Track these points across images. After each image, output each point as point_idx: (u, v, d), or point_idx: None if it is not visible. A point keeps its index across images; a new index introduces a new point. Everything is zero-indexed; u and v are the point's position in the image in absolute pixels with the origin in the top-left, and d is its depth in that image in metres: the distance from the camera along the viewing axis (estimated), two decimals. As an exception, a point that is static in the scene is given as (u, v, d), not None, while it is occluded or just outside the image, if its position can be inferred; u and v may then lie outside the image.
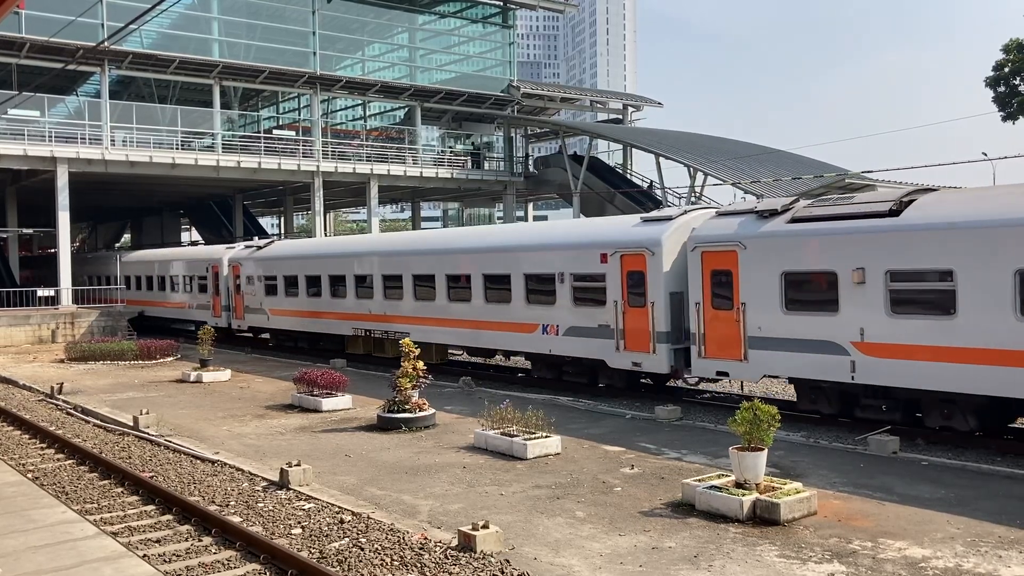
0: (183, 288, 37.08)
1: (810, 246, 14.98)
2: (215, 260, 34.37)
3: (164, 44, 39.61)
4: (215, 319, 33.48)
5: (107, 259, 46.81)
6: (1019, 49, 40.85)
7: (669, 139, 45.43)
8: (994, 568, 8.11)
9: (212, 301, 34.48)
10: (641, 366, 17.87)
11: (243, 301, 32.47)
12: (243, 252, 33.12)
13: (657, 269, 17.36)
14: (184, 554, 9.25)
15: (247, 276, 32.09)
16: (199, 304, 35.60)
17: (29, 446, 15.40)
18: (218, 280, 33.93)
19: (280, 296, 30.32)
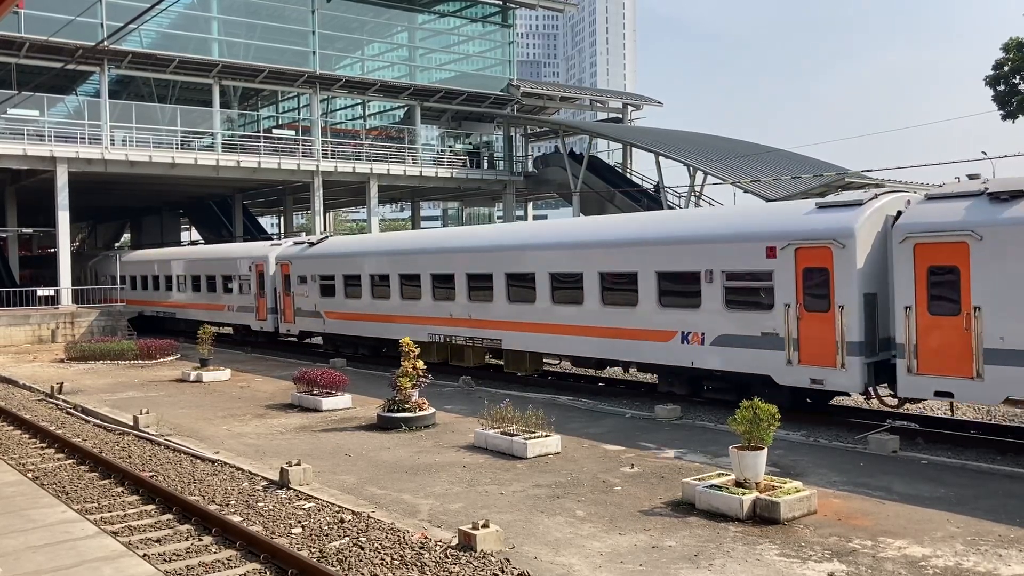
0: (219, 289, 34.16)
1: None
2: (259, 258, 31.48)
3: (163, 44, 39.62)
4: (259, 322, 31.16)
5: (107, 260, 46.88)
6: (1019, 48, 40.83)
7: (669, 138, 45.41)
8: (994, 567, 8.11)
9: (256, 303, 31.62)
10: (823, 383, 14.97)
11: (293, 303, 29.50)
12: (293, 249, 30.00)
13: (848, 265, 14.42)
14: (184, 553, 9.25)
15: (299, 276, 28.91)
16: (240, 306, 32.72)
17: (29, 446, 15.39)
18: (263, 280, 30.95)
19: (339, 297, 27.18)
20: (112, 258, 44.37)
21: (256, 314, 31.52)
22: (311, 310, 28.61)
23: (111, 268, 42.33)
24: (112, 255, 45.18)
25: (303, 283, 28.88)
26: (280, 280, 30.08)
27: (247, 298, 32.24)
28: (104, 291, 39.92)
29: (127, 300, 39.49)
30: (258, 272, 31.41)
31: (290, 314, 29.72)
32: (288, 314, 29.88)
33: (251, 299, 31.92)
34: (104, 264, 45.54)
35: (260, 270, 31.28)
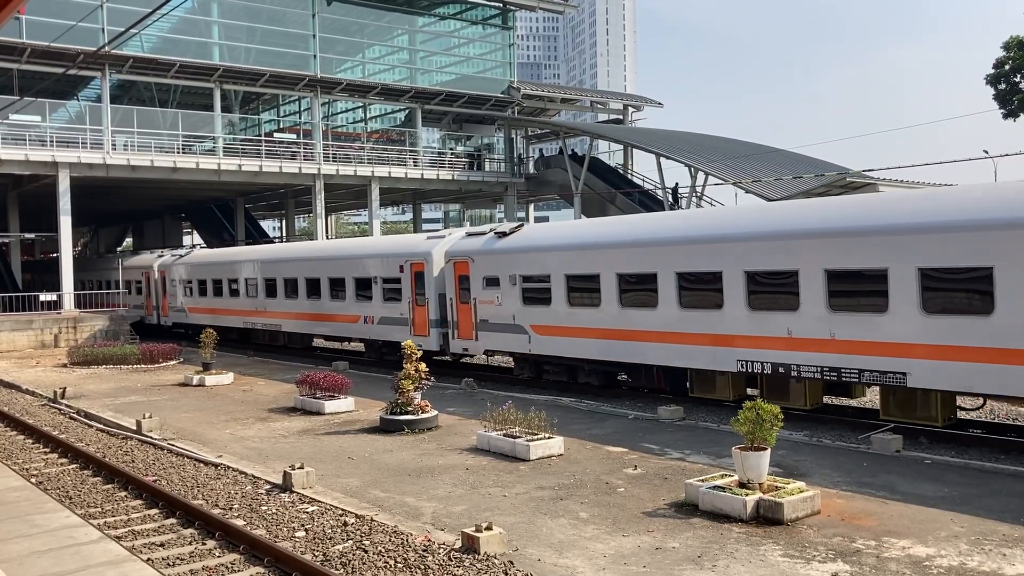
0: (348, 295, 27.16)
1: None
2: (415, 254, 24.63)
3: (164, 48, 39.68)
4: (420, 338, 23.37)
5: (107, 262, 47.00)
6: (1019, 46, 40.82)
7: (669, 139, 45.42)
8: (998, 566, 8.10)
9: (412, 314, 24.51)
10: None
11: (475, 314, 22.18)
12: (473, 242, 22.86)
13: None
14: (188, 558, 9.25)
15: (485, 277, 21.92)
16: (384, 317, 25.60)
17: (32, 451, 15.41)
18: (421, 282, 24.25)
19: (557, 304, 19.84)
20: (169, 262, 39.69)
21: (411, 327, 24.53)
22: (507, 322, 21.35)
23: (177, 273, 38.29)
24: (170, 256, 40.92)
25: (491, 286, 21.87)
26: (454, 282, 23.04)
27: (395, 306, 25.21)
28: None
29: (190, 308, 37.00)
30: (414, 273, 24.59)
31: (469, 328, 22.58)
32: (466, 328, 22.78)
33: (402, 308, 24.95)
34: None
35: (418, 270, 24.50)
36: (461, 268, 22.84)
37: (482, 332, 22.12)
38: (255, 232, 56.30)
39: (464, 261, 22.85)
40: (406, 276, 24.79)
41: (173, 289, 37.98)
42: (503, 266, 21.61)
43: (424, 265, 24.11)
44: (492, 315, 21.81)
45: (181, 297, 37.58)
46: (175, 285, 38.02)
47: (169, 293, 38.34)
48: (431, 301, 23.82)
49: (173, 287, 38.21)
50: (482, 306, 22.03)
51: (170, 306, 38.49)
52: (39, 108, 37.88)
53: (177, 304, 38.03)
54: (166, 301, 38.67)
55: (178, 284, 37.81)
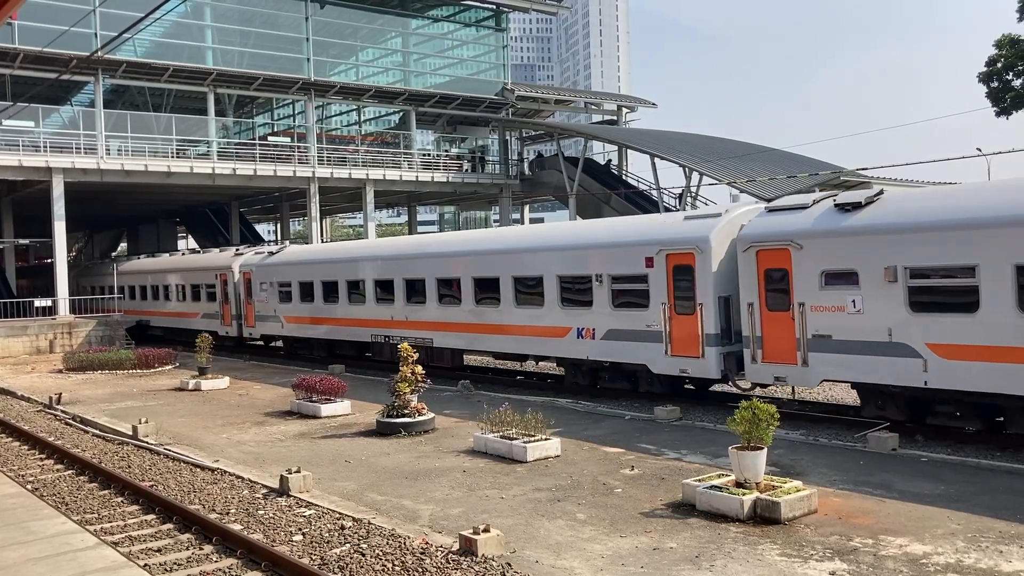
0: (549, 299, 20.08)
1: None
2: (682, 241, 17.38)
3: (158, 52, 39.61)
4: (683, 359, 17.25)
5: (104, 266, 46.78)
6: (1011, 44, 40.89)
7: (664, 139, 45.42)
8: (995, 563, 8.11)
9: (668, 325, 17.45)
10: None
11: (802, 326, 15.20)
12: (785, 221, 15.84)
13: None
14: (185, 563, 9.23)
15: (825, 271, 15.00)
16: (617, 330, 18.57)
17: (28, 457, 15.36)
18: (692, 280, 17.14)
19: (991, 312, 12.94)
20: (256, 261, 32.89)
21: (667, 345, 17.51)
22: (874, 339, 14.35)
23: (272, 275, 31.53)
24: (254, 254, 34.24)
25: (838, 284, 14.85)
26: (755, 281, 15.94)
27: (635, 315, 18.20)
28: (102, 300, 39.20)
29: (287, 318, 30.67)
30: (673, 267, 17.46)
31: (785, 347, 15.51)
32: (779, 346, 15.62)
33: (650, 317, 17.84)
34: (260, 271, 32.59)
35: (681, 263, 17.31)
36: (769, 259, 15.70)
37: (816, 353, 15.05)
38: (250, 236, 56.22)
39: (778, 249, 15.53)
40: (658, 272, 17.71)
41: (263, 294, 31.45)
42: (863, 252, 14.37)
43: (694, 256, 17.01)
44: (839, 327, 14.74)
45: (275, 304, 30.93)
46: (266, 289, 31.33)
47: (257, 299, 31.91)
48: (708, 307, 16.81)
49: (263, 292, 31.52)
50: (819, 314, 14.98)
51: (258, 315, 32.01)
52: (32, 113, 37.80)
53: (269, 312, 31.42)
54: (251, 309, 32.23)
55: (270, 288, 31.11)
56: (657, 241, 17.86)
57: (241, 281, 33.16)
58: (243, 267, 33.05)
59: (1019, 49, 40.59)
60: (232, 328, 33.89)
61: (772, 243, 15.59)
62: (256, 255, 33.35)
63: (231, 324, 33.93)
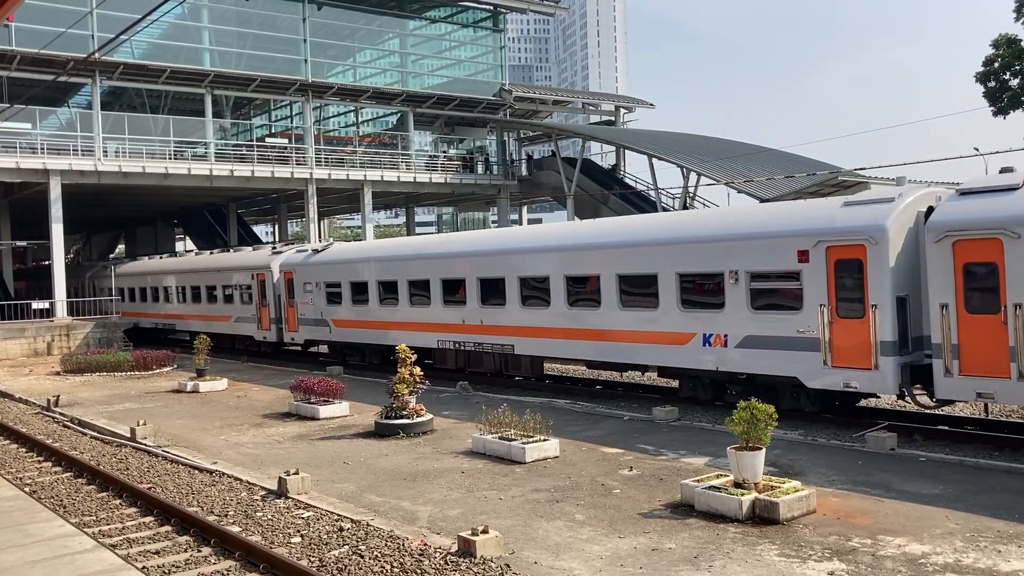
0: (732, 299, 16.31)
1: None
2: (857, 232, 14.58)
3: (155, 54, 39.56)
4: (867, 376, 14.37)
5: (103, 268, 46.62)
6: (1008, 44, 40.94)
7: (661, 140, 45.43)
8: (994, 563, 8.11)
9: (827, 330, 14.77)
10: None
11: (1022, 331, 12.56)
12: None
13: None
14: (184, 565, 9.22)
15: None
16: (798, 335, 15.21)
17: (26, 459, 15.34)
18: (864, 277, 14.45)
19: None
20: (299, 260, 29.77)
21: (825, 355, 14.87)
22: None
23: (319, 274, 28.35)
24: (296, 252, 31.17)
25: None
26: (953, 276, 13.28)
27: (794, 319, 15.33)
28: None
29: (337, 321, 27.37)
30: (834, 262, 14.83)
31: (993, 357, 12.88)
32: (989, 356, 12.94)
33: (806, 321, 15.12)
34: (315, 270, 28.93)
35: (850, 256, 14.62)
36: (971, 251, 13.17)
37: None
38: (248, 237, 56.19)
39: (985, 238, 13.03)
40: (815, 268, 14.97)
41: (308, 296, 28.59)
42: None
43: (865, 249, 14.40)
44: None
45: (322, 306, 27.95)
46: (311, 290, 28.33)
47: (300, 301, 29.07)
48: (883, 308, 14.10)
49: (308, 293, 28.52)
50: None
51: (301, 319, 29.09)
52: (29, 115, 37.77)
53: (314, 316, 28.41)
54: (294, 312, 29.35)
55: (316, 289, 28.10)
56: (814, 232, 15.08)
57: (282, 281, 30.18)
58: (284, 266, 30.04)
59: (1016, 49, 40.63)
60: (271, 333, 30.92)
61: (976, 232, 13.01)
62: (298, 253, 30.52)
63: (269, 328, 30.92)
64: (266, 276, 30.95)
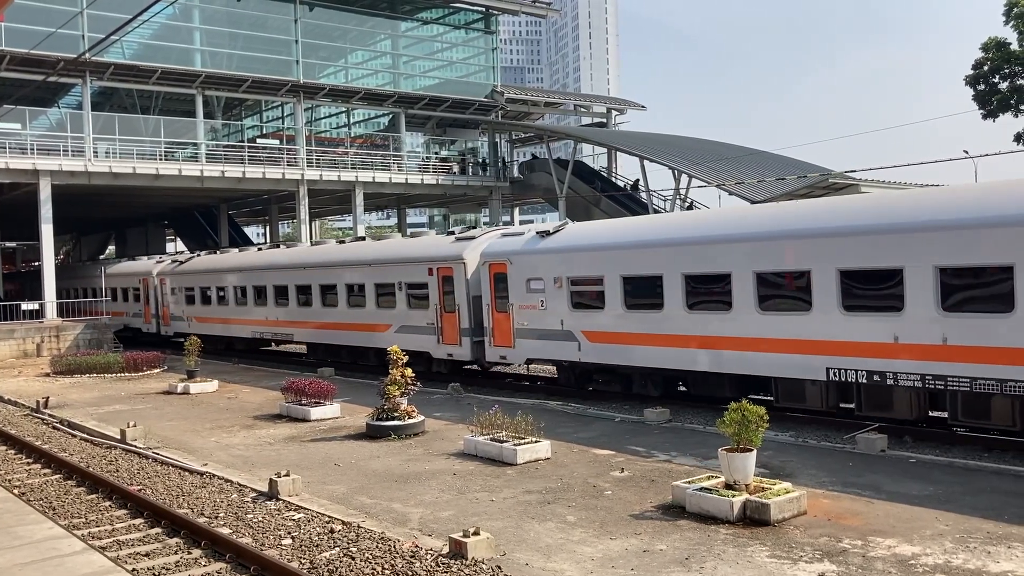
0: None
1: None
2: None
3: (146, 55, 39.42)
4: None
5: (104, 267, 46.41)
6: (998, 47, 41.19)
7: (653, 142, 45.53)
8: (983, 564, 8.15)
9: None
10: None
11: None
12: None
13: None
14: (173, 567, 9.18)
15: None
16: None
17: (15, 461, 15.26)
18: None
19: None
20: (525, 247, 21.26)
21: None
22: None
23: (557, 266, 20.03)
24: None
25: None
26: None
27: None
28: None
29: (592, 332, 19.20)
30: None
31: None
32: None
33: None
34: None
35: None
36: None
37: None
38: (239, 238, 56.06)
39: None
40: None
41: (537, 296, 20.38)
42: None
43: None
44: None
45: (563, 309, 19.75)
46: (540, 288, 20.28)
47: (520, 305, 20.77)
48: None
49: (536, 292, 20.38)
50: None
51: (522, 329, 20.85)
52: (19, 115, 37.57)
53: (548, 324, 20.19)
54: (508, 320, 21.16)
55: (553, 288, 20.00)
56: None
57: (485, 277, 21.79)
58: (490, 256, 21.85)
59: (1005, 52, 40.89)
60: (463, 348, 22.57)
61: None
62: (508, 238, 22.16)
63: (459, 342, 22.66)
64: (454, 270, 22.78)
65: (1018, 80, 41.35)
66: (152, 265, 40.20)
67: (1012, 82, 41.52)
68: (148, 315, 38.60)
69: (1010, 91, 41.49)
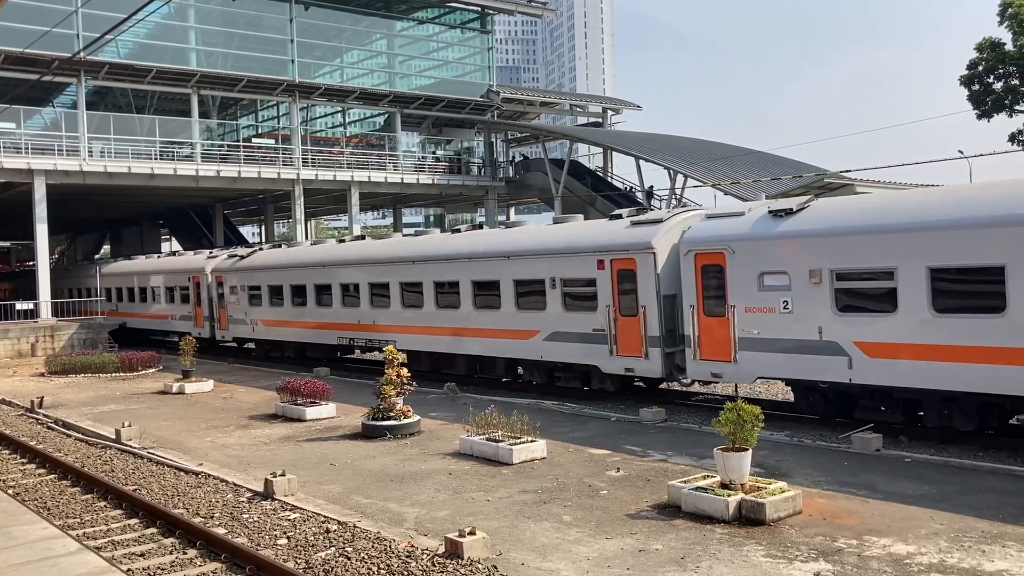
0: None
1: None
2: None
3: (141, 54, 39.38)
4: None
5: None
6: (992, 48, 41.30)
7: (648, 142, 45.58)
8: (978, 563, 8.17)
9: None
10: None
11: None
12: None
13: None
14: (169, 568, 9.17)
15: None
16: None
17: (9, 461, 15.22)
18: None
19: None
20: None
21: None
22: None
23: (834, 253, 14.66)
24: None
25: None
26: None
27: None
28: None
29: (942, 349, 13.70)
30: None
31: None
32: None
33: None
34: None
35: None
36: None
37: None
38: (234, 238, 55.97)
39: None
40: None
41: (808, 302, 15.01)
42: None
43: None
44: None
45: (829, 317, 14.72)
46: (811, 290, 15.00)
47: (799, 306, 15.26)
48: None
49: (812, 296, 14.98)
50: None
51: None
52: (14, 115, 37.47)
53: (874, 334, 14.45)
54: (726, 326, 16.10)
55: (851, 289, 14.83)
56: None
57: (688, 271, 16.75)
58: (697, 244, 16.65)
59: (999, 52, 40.99)
60: (649, 362, 17.59)
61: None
62: (720, 220, 16.84)
63: (643, 354, 17.63)
64: (637, 263, 17.72)
65: (1012, 80, 41.47)
66: (204, 261, 34.92)
67: (1006, 82, 41.64)
68: (200, 318, 33.55)
69: (1004, 91, 41.60)
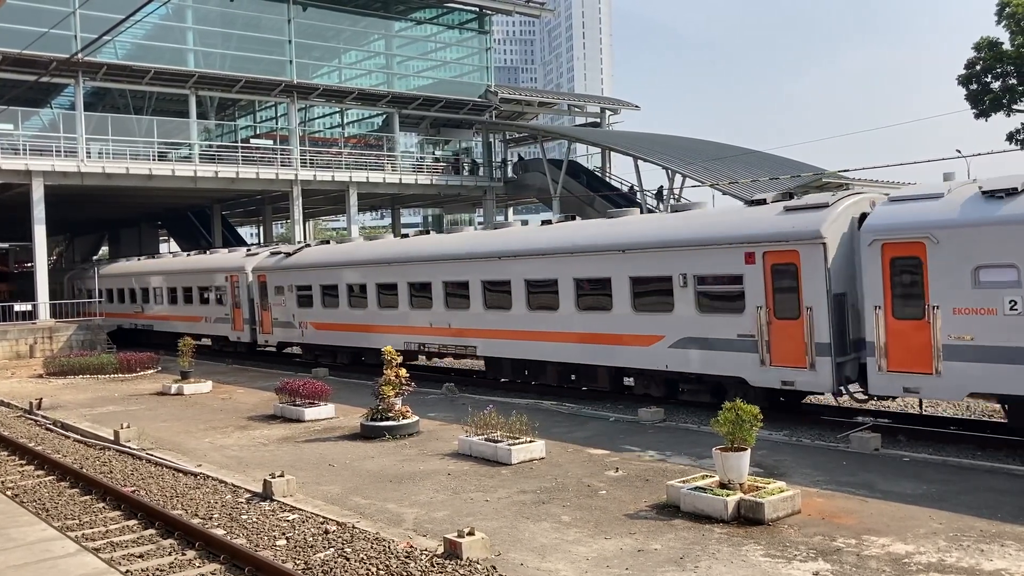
0: None
1: None
2: None
3: (139, 55, 39.36)
4: None
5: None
6: (990, 47, 41.33)
7: (646, 142, 45.58)
8: (976, 562, 8.17)
9: None
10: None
11: None
12: None
13: None
14: (168, 569, 9.16)
15: None
16: None
17: (8, 463, 15.20)
18: None
19: None
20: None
21: None
22: None
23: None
24: None
25: None
26: None
27: None
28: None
29: None
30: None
31: None
32: None
33: None
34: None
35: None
36: None
37: None
38: (232, 239, 55.96)
39: None
40: None
41: None
42: None
43: None
44: None
45: None
46: None
47: None
48: None
49: None
50: None
51: None
52: (11, 116, 37.43)
53: None
54: (926, 331, 13.29)
55: None
56: None
57: (872, 265, 14.03)
58: (883, 232, 13.90)
59: (997, 52, 41.02)
60: (816, 374, 14.74)
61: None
62: (911, 203, 13.92)
63: (808, 364, 14.79)
64: (800, 256, 14.95)
65: (1010, 80, 41.50)
66: (243, 259, 32.15)
67: (1004, 82, 41.66)
68: (239, 321, 31.09)
69: (1002, 91, 41.63)
